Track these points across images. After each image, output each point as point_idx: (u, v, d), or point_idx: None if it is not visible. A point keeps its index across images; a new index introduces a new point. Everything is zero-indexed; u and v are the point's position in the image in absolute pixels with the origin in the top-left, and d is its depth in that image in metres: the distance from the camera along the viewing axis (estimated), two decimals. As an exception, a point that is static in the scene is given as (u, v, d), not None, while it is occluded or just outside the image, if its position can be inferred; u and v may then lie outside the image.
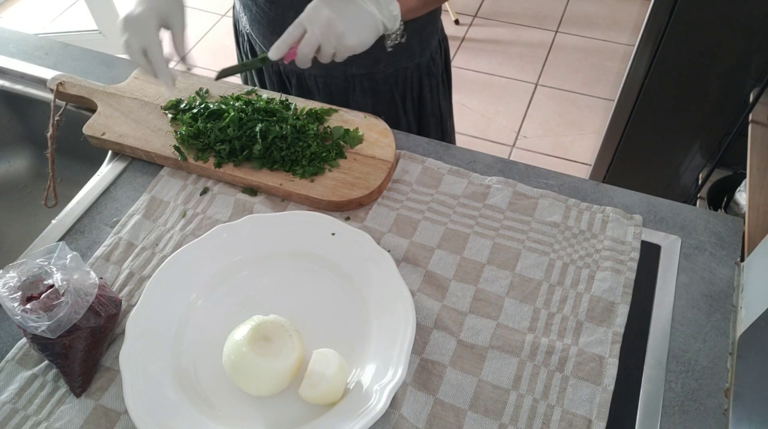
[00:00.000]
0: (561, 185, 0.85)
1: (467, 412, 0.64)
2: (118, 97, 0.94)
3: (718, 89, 1.47)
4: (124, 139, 0.88)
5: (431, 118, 1.09)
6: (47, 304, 0.61)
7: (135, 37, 0.75)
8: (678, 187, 1.76)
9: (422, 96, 1.05)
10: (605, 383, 0.65)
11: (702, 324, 0.71)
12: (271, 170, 0.84)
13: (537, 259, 0.76)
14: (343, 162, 0.85)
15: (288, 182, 0.83)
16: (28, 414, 0.65)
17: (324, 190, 0.81)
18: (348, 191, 0.81)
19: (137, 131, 0.90)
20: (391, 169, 0.84)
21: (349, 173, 0.83)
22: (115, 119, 0.91)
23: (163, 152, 0.87)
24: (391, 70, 0.99)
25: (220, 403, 0.65)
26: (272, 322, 0.66)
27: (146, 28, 0.75)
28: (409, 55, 0.99)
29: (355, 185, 0.82)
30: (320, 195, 0.81)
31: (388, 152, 0.85)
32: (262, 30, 0.97)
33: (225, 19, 2.88)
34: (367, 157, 0.85)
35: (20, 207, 1.06)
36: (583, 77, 2.51)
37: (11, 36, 1.11)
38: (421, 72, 1.02)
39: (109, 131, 0.90)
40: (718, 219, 0.81)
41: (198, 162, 0.85)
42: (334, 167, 0.84)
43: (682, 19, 1.36)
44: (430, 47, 1.01)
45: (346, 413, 0.62)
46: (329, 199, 0.80)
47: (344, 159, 0.85)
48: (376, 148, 0.86)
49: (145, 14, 0.75)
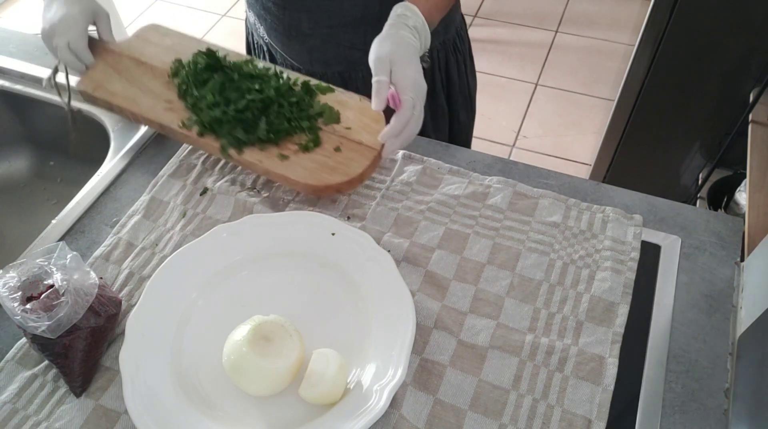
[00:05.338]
0: (561, 185, 0.85)
1: (467, 412, 0.64)
2: (117, 55, 0.91)
3: (718, 89, 1.47)
4: (114, 98, 0.86)
5: (459, 97, 1.07)
6: (47, 304, 0.61)
7: (61, 37, 0.83)
8: (678, 187, 1.76)
9: (449, 75, 1.03)
10: (605, 383, 0.65)
11: (702, 324, 0.71)
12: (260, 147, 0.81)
13: (537, 259, 0.76)
14: (327, 144, 0.80)
15: (267, 160, 0.79)
16: (28, 414, 0.65)
17: (303, 171, 0.77)
18: (327, 176, 0.77)
19: (128, 91, 0.87)
20: (376, 158, 0.78)
21: (332, 157, 0.79)
22: (109, 76, 0.88)
23: (148, 115, 0.84)
24: None
25: (220, 403, 0.65)
26: (272, 322, 0.66)
27: (70, 26, 0.83)
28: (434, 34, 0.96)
29: (336, 170, 0.77)
30: (298, 176, 0.77)
31: (376, 139, 0.79)
32: (280, 37, 0.97)
33: (225, 19, 2.88)
34: (354, 143, 0.80)
35: (20, 207, 1.06)
36: (583, 77, 2.51)
37: (11, 36, 1.11)
38: (447, 50, 1.00)
39: (101, 88, 0.87)
40: (718, 219, 0.81)
41: (182, 129, 0.83)
42: (316, 147, 0.79)
43: (682, 19, 1.36)
44: (454, 23, 0.99)
45: (346, 413, 0.62)
46: (306, 181, 0.77)
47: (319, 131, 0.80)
48: (364, 134, 0.80)
49: (68, 16, 0.83)
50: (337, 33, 0.92)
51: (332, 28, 0.92)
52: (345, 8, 0.89)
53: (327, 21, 0.91)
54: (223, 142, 0.81)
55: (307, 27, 0.92)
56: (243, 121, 0.80)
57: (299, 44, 0.95)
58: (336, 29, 0.92)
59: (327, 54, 0.96)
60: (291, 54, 0.98)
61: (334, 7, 0.89)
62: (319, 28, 0.92)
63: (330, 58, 0.96)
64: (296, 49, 0.96)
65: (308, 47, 0.95)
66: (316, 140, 0.80)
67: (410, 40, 0.76)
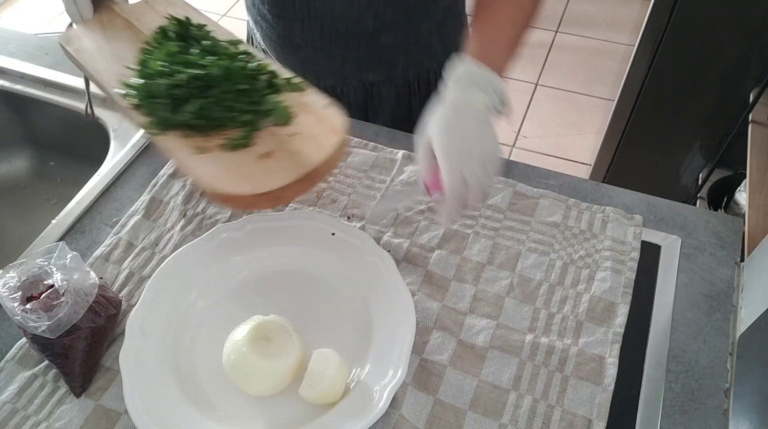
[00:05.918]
0: (561, 185, 0.85)
1: (467, 412, 0.64)
2: (115, 15, 0.81)
3: (718, 89, 1.48)
4: (80, 55, 0.76)
5: None
6: (47, 304, 0.61)
7: None
8: (678, 187, 1.76)
9: None
10: (605, 383, 0.65)
11: (702, 324, 0.71)
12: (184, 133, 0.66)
13: (537, 259, 0.76)
14: (259, 147, 0.64)
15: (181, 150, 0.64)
16: (28, 414, 0.65)
17: (212, 171, 0.62)
18: (236, 184, 0.61)
19: (98, 52, 0.76)
20: (307, 178, 0.60)
21: (255, 163, 0.62)
22: (93, 34, 0.78)
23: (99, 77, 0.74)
24: (411, 73, 0.93)
25: (220, 403, 0.65)
26: (272, 322, 0.66)
27: None
28: (431, 56, 0.92)
29: (249, 179, 0.61)
30: (203, 176, 0.62)
31: (317, 155, 0.61)
32: (274, 46, 0.95)
33: (225, 19, 2.88)
34: (289, 152, 0.63)
35: (20, 207, 1.06)
36: (583, 77, 2.51)
37: (11, 36, 1.11)
38: None
39: (74, 42, 0.77)
40: (718, 219, 0.81)
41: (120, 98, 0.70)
42: (244, 147, 0.64)
43: (682, 19, 1.37)
44: (455, 45, 0.92)
45: (346, 413, 0.62)
46: (209, 183, 0.61)
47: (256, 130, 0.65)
48: (308, 145, 0.63)
49: None
50: (329, 46, 0.90)
51: (324, 40, 0.89)
52: (337, 21, 0.86)
53: (319, 33, 0.88)
54: (151, 119, 0.68)
55: (299, 37, 0.90)
56: (175, 98, 0.67)
57: (292, 54, 0.93)
58: (328, 42, 0.89)
59: (319, 66, 0.94)
60: (284, 64, 0.95)
61: (327, 19, 0.86)
62: (311, 40, 0.90)
63: (322, 70, 0.94)
64: (289, 60, 0.94)
65: (300, 58, 0.93)
66: (246, 139, 0.65)
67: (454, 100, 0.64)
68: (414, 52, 0.90)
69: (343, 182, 0.85)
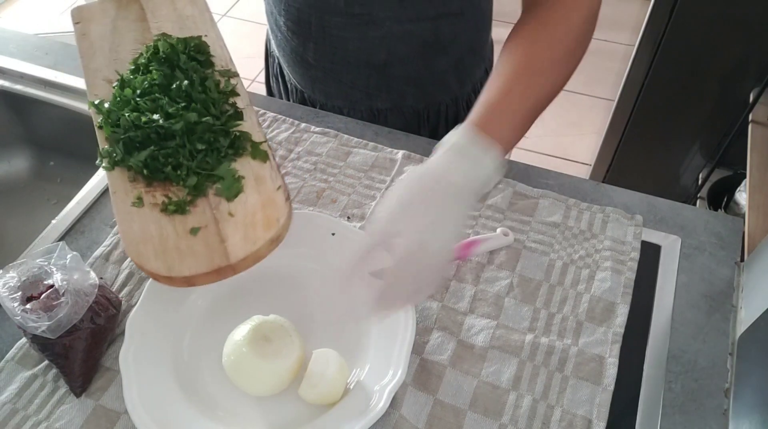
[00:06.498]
0: (561, 185, 0.85)
1: (467, 413, 0.64)
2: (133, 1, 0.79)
3: (718, 89, 1.48)
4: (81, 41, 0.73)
5: None
6: (47, 305, 0.61)
7: None
8: (678, 187, 1.76)
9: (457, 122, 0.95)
10: (605, 383, 0.65)
11: (702, 324, 0.71)
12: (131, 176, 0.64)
13: (537, 259, 0.76)
14: (192, 218, 0.60)
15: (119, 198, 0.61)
16: (28, 414, 0.65)
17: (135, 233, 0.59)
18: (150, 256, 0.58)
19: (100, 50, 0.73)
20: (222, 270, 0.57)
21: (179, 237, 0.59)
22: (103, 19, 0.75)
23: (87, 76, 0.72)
24: (421, 105, 0.92)
25: (220, 403, 0.65)
26: (272, 322, 0.66)
27: None
28: (444, 90, 0.90)
29: (162, 256, 0.57)
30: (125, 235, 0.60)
31: (241, 250, 0.57)
32: (286, 58, 0.94)
33: (225, 19, 2.88)
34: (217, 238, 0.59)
35: (20, 207, 1.06)
36: (583, 77, 2.51)
37: (11, 36, 1.11)
38: (459, 106, 0.92)
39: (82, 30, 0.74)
40: (718, 219, 0.81)
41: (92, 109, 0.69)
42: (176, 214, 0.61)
43: (682, 19, 1.37)
44: (472, 79, 0.91)
45: (346, 413, 0.62)
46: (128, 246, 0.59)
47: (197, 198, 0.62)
48: (239, 232, 0.59)
49: None
50: (340, 71, 0.89)
51: (335, 64, 0.88)
52: (350, 49, 0.85)
53: (331, 57, 0.87)
54: (107, 147, 0.66)
55: (311, 57, 0.89)
56: (130, 138, 0.64)
57: (303, 70, 0.93)
58: (339, 66, 0.88)
59: (328, 87, 0.93)
60: (295, 77, 0.96)
61: (340, 46, 0.85)
62: (322, 62, 0.89)
63: (331, 91, 0.93)
64: (300, 74, 0.94)
65: (311, 76, 0.93)
66: (181, 206, 0.61)
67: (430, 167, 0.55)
68: (426, 85, 0.89)
69: (343, 182, 0.85)
